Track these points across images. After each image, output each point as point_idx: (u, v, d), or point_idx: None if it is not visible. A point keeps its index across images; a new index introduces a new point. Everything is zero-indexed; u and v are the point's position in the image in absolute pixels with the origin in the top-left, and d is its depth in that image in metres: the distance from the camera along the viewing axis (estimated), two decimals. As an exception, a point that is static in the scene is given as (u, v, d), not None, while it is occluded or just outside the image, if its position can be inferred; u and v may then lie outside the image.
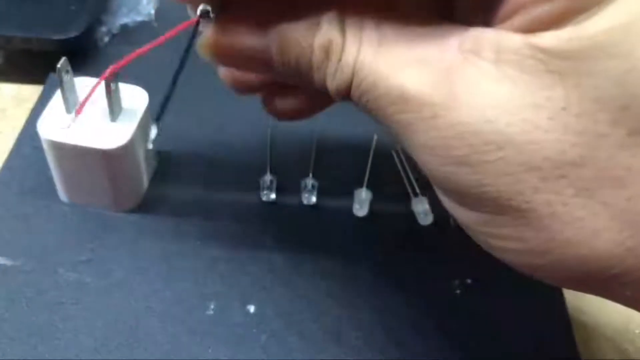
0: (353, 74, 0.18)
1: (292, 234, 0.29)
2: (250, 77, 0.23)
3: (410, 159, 0.26)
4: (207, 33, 0.20)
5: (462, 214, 0.18)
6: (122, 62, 0.23)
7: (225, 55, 0.20)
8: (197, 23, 0.21)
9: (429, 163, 0.17)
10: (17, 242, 0.28)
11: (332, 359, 0.25)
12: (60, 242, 0.28)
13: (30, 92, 0.36)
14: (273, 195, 0.30)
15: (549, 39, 0.15)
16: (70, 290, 0.26)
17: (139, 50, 0.22)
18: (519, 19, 0.16)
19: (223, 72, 0.24)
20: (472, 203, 0.17)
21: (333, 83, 0.18)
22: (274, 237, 0.29)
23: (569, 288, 0.27)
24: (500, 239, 0.17)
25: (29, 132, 0.31)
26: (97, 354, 0.25)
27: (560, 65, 0.15)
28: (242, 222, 0.29)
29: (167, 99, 0.23)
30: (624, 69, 0.14)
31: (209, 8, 0.20)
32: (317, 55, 0.18)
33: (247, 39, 0.19)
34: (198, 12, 0.20)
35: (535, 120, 0.15)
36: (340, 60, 0.18)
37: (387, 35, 0.17)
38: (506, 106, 0.15)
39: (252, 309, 0.26)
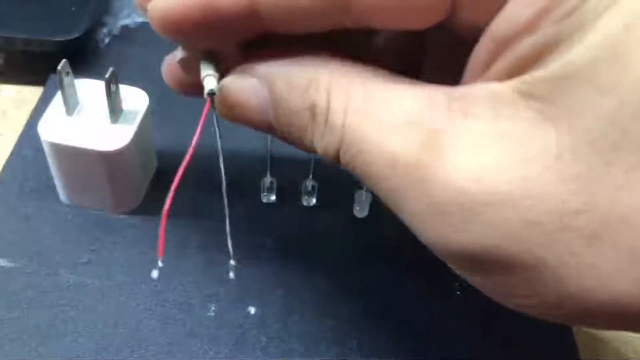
0: (341, 138, 0.17)
1: (292, 235, 0.29)
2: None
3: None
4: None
5: (470, 278, 0.17)
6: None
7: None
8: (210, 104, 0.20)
9: (425, 231, 0.16)
10: (18, 244, 0.28)
11: (333, 359, 0.25)
12: (60, 244, 0.28)
13: (31, 93, 0.36)
14: (273, 197, 0.30)
15: (540, 83, 0.15)
16: (70, 292, 0.26)
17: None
18: (501, 64, 0.16)
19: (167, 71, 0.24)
20: (478, 267, 0.16)
21: (321, 146, 0.18)
22: (274, 239, 0.29)
23: (594, 328, 0.27)
24: (514, 297, 0.16)
25: (29, 134, 0.32)
26: (98, 355, 0.25)
27: (555, 112, 0.15)
28: (243, 223, 0.29)
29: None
30: (614, 105, 0.14)
31: (214, 89, 0.20)
32: (303, 117, 0.18)
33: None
34: (205, 95, 0.20)
35: (531, 174, 0.15)
36: (327, 122, 0.17)
37: (374, 96, 0.17)
38: (501, 164, 0.15)
39: (252, 310, 0.26)
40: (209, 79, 0.20)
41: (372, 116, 0.17)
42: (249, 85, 0.19)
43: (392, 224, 0.29)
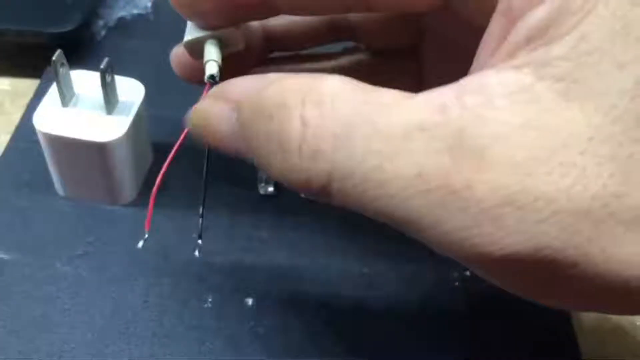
0: (332, 166, 0.15)
1: (290, 227, 0.29)
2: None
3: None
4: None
5: (511, 285, 0.16)
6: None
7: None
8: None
9: (473, 247, 0.14)
10: (14, 236, 0.27)
11: (331, 350, 0.25)
12: (56, 236, 0.28)
13: (26, 86, 0.36)
14: (271, 188, 0.30)
15: (559, 61, 0.14)
16: (66, 284, 0.26)
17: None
18: (514, 37, 0.15)
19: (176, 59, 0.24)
20: (524, 271, 0.15)
21: (299, 178, 0.16)
22: (272, 230, 0.29)
23: (625, 315, 0.26)
24: (555, 295, 0.16)
25: (25, 126, 0.31)
26: (94, 347, 0.24)
27: (579, 91, 0.14)
28: (240, 215, 0.29)
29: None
30: (633, 79, 0.14)
31: (214, 73, 0.20)
32: (272, 145, 0.16)
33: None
34: (205, 79, 0.20)
35: (570, 160, 0.14)
36: (301, 150, 0.15)
37: (370, 108, 0.15)
38: (538, 155, 0.14)
39: (250, 301, 0.26)
40: (211, 64, 0.20)
41: (372, 128, 0.15)
42: (220, 111, 0.18)
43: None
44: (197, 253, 0.23)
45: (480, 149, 0.14)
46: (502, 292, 0.27)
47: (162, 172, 0.21)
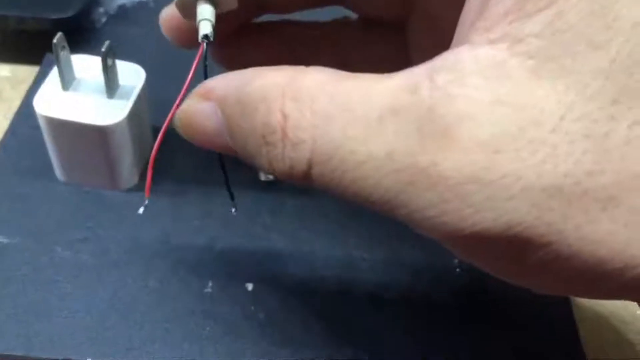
0: (312, 152, 0.16)
1: (290, 213, 0.29)
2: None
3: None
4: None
5: (482, 263, 0.16)
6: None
7: None
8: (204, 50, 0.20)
9: (439, 221, 0.15)
10: (14, 221, 0.27)
11: (332, 335, 0.25)
12: (57, 221, 0.28)
13: (26, 73, 0.35)
14: (272, 176, 0.30)
15: (533, 38, 0.14)
16: (67, 269, 0.26)
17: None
18: (486, 18, 0.15)
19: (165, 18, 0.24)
20: (497, 250, 0.15)
21: (284, 167, 0.16)
22: (272, 216, 0.29)
23: (605, 299, 0.26)
24: (530, 275, 0.16)
25: (25, 112, 0.31)
26: (94, 331, 0.24)
27: (551, 69, 0.14)
28: (241, 201, 0.29)
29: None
30: (608, 59, 0.14)
31: (208, 32, 0.20)
32: (257, 138, 0.17)
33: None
34: (199, 39, 0.20)
35: (540, 137, 0.14)
36: (284, 140, 0.16)
37: (344, 94, 0.15)
38: (506, 132, 0.14)
39: (250, 287, 0.26)
40: (205, 23, 0.20)
41: (349, 115, 0.15)
42: (204, 109, 0.18)
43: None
44: (233, 210, 0.23)
45: (447, 127, 0.14)
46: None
47: (160, 135, 0.21)
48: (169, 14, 0.24)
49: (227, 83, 0.18)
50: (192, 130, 0.19)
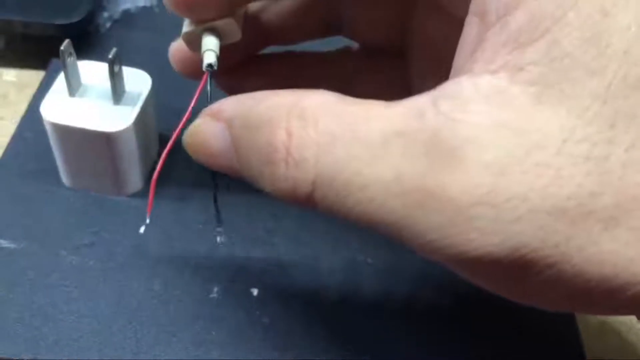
0: (316, 173, 0.16)
1: (293, 217, 0.29)
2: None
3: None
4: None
5: (488, 284, 0.16)
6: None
7: None
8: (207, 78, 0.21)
9: (448, 247, 0.15)
10: (20, 225, 0.28)
11: (336, 340, 0.25)
12: (62, 226, 0.28)
13: (31, 77, 0.36)
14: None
15: (533, 66, 0.14)
16: (72, 273, 0.26)
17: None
18: (485, 49, 0.15)
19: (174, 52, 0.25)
20: (503, 272, 0.15)
21: (286, 187, 0.16)
22: (277, 221, 0.29)
23: (609, 315, 0.27)
24: (535, 295, 0.16)
25: (30, 117, 0.31)
26: (100, 335, 0.25)
27: (551, 95, 0.14)
28: (242, 206, 0.29)
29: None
30: (604, 85, 0.14)
31: (212, 62, 0.21)
32: (261, 158, 0.17)
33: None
34: (203, 68, 0.21)
35: (545, 161, 0.14)
36: (288, 160, 0.16)
37: (349, 119, 0.16)
38: (512, 155, 0.14)
39: (255, 292, 0.26)
40: (209, 53, 0.21)
41: (353, 136, 0.15)
42: (213, 129, 0.18)
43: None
44: (218, 239, 0.24)
45: (453, 150, 0.14)
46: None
47: (162, 157, 0.22)
48: (177, 47, 0.25)
49: (236, 104, 0.18)
50: (200, 149, 0.19)
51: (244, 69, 0.26)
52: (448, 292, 0.27)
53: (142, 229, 0.25)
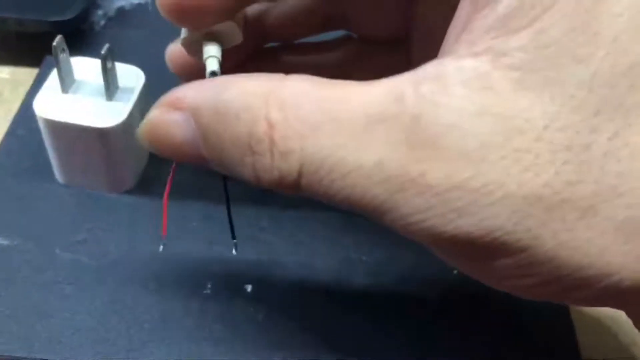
0: (301, 162, 0.16)
1: (290, 216, 0.29)
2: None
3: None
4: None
5: (463, 265, 0.17)
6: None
7: None
8: None
9: (426, 229, 0.15)
10: (14, 223, 0.28)
11: (330, 337, 0.25)
12: (56, 223, 0.28)
13: (25, 75, 0.36)
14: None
15: (517, 52, 0.15)
16: (66, 270, 0.26)
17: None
18: (471, 32, 0.15)
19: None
20: (478, 254, 0.16)
21: (272, 177, 0.16)
22: (272, 220, 0.29)
23: (584, 306, 0.27)
24: (509, 279, 0.16)
25: (24, 114, 0.31)
26: (95, 332, 0.24)
27: (535, 81, 0.14)
28: (239, 203, 0.29)
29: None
30: (590, 73, 0.14)
31: (216, 69, 0.20)
32: (239, 148, 0.16)
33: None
34: (207, 76, 0.20)
35: (525, 146, 0.14)
36: (272, 150, 0.16)
37: (331, 103, 0.16)
38: (492, 140, 0.14)
39: (249, 288, 0.26)
40: (212, 60, 0.20)
41: (336, 125, 0.15)
42: (174, 119, 0.18)
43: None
44: (234, 252, 0.24)
45: (434, 137, 0.15)
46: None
47: (170, 177, 0.23)
48: (175, 52, 0.24)
49: (199, 91, 0.18)
50: (160, 141, 0.18)
51: (243, 67, 0.26)
52: (442, 289, 0.27)
53: (160, 248, 0.26)
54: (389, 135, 0.15)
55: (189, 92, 0.18)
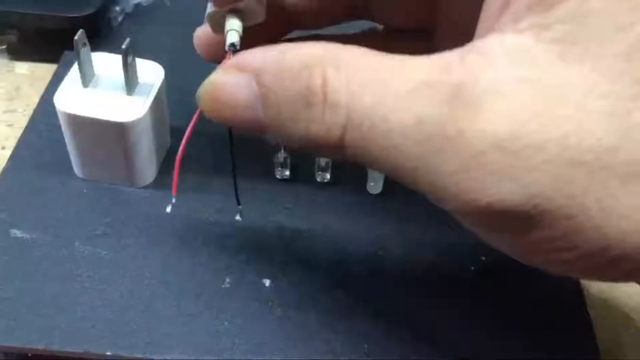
0: (347, 116, 0.16)
1: (306, 210, 0.29)
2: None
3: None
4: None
5: (499, 239, 0.17)
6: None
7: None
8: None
9: (463, 193, 0.15)
10: (34, 216, 0.28)
11: (347, 331, 0.25)
12: (75, 216, 0.28)
13: (44, 70, 0.36)
14: (287, 173, 0.30)
15: (558, 24, 0.15)
16: (85, 263, 0.26)
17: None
18: (512, 10, 0.16)
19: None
20: (514, 224, 0.15)
21: (321, 130, 0.17)
22: (288, 214, 0.29)
23: (628, 280, 0.26)
24: (545, 252, 0.16)
25: (44, 109, 0.32)
26: (113, 325, 0.25)
27: (576, 52, 0.15)
28: (257, 199, 0.29)
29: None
30: (631, 42, 0.14)
31: (235, 41, 0.21)
32: (296, 104, 0.17)
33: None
34: (226, 48, 0.21)
35: (566, 113, 0.14)
36: (325, 103, 0.16)
37: (380, 69, 0.16)
38: (534, 107, 0.14)
39: (267, 282, 0.26)
40: (232, 33, 0.21)
41: (383, 86, 0.16)
42: (236, 80, 0.18)
43: (406, 200, 0.30)
44: (238, 217, 0.24)
45: (476, 100, 0.15)
46: (517, 276, 0.27)
47: (187, 132, 0.22)
48: (201, 31, 0.25)
49: (262, 55, 0.18)
50: (221, 103, 0.19)
51: None
52: (460, 285, 0.27)
53: (168, 209, 0.26)
54: (431, 98, 0.15)
55: (253, 56, 0.18)
